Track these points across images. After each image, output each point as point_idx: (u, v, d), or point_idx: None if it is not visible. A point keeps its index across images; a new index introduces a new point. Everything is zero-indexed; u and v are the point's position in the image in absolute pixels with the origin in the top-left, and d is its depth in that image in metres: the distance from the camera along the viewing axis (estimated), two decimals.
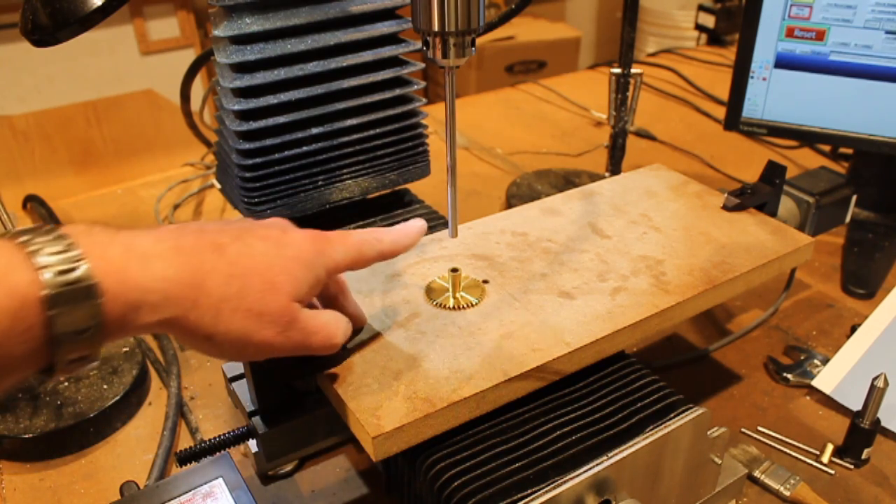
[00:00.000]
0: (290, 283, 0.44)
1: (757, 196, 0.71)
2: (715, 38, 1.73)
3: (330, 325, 0.47)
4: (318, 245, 0.46)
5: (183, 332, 0.41)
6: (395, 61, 0.74)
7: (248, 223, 0.46)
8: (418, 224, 0.53)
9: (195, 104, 0.98)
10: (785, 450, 0.66)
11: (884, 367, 0.63)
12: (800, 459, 0.65)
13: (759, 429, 0.68)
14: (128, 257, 0.38)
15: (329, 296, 0.51)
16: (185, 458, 0.52)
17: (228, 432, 0.54)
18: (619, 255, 0.64)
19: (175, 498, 0.50)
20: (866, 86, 0.88)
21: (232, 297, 0.41)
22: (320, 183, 0.73)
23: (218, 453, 0.54)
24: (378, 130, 0.75)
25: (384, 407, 0.48)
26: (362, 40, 0.70)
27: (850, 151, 1.07)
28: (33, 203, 1.03)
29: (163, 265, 0.39)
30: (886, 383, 0.61)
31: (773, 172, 0.72)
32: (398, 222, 0.76)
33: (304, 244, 0.46)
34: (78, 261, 0.35)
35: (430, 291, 0.60)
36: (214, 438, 0.54)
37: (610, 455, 0.48)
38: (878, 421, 0.63)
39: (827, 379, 0.72)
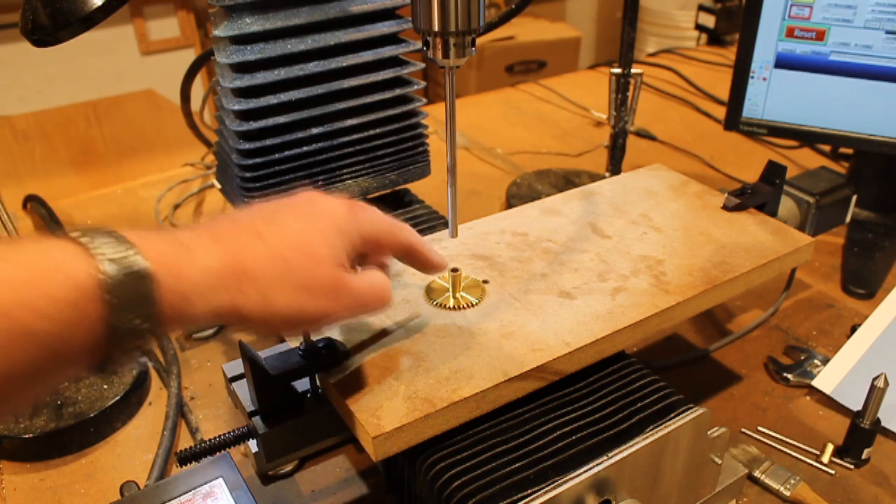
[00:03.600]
0: (330, 251, 0.44)
1: (757, 196, 0.71)
2: (715, 38, 1.73)
3: (378, 283, 0.47)
4: (352, 212, 0.47)
5: (240, 319, 0.41)
6: (395, 61, 0.74)
7: (278, 203, 0.46)
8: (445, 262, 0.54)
9: (195, 104, 0.98)
10: (785, 450, 0.66)
11: (884, 367, 0.63)
12: (800, 459, 0.65)
13: (760, 429, 0.67)
14: (176, 249, 0.39)
15: (367, 261, 0.51)
16: (186, 458, 0.52)
17: (228, 432, 0.54)
18: (619, 255, 0.64)
19: (175, 498, 0.50)
20: (866, 86, 0.88)
21: (276, 277, 0.42)
22: (320, 183, 0.73)
23: (218, 453, 0.54)
24: (378, 130, 0.75)
25: (384, 407, 0.48)
26: (362, 40, 0.70)
27: (850, 151, 1.07)
28: (33, 203, 1.03)
29: (204, 255, 0.40)
30: (886, 383, 0.61)
31: (773, 172, 0.72)
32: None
33: (337, 211, 0.46)
34: (132, 251, 0.36)
35: (430, 291, 0.60)
36: (214, 438, 0.54)
37: (610, 455, 0.48)
38: (878, 421, 0.63)
39: (827, 379, 0.72)
